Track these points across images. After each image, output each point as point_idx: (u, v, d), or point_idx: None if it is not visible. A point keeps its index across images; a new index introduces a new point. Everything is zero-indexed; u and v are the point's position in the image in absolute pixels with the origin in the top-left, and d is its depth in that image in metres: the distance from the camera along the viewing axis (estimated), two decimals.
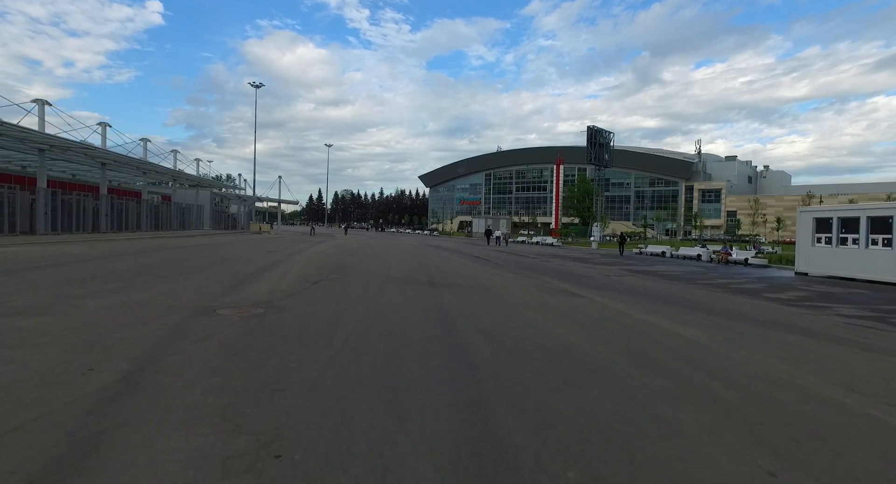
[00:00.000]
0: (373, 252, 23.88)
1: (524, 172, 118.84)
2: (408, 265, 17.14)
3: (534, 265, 20.31)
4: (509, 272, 16.23)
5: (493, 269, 17.71)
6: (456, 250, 30.21)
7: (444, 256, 24.35)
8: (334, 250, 24.46)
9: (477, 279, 13.47)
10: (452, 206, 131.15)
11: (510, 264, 20.35)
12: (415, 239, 56.20)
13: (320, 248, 26.19)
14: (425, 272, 15.04)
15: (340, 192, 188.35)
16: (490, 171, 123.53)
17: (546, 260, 24.24)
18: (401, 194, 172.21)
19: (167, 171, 38.68)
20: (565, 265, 20.96)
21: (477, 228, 78.98)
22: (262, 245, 26.72)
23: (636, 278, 15.75)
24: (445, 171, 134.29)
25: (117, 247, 21.36)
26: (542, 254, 30.95)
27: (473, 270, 16.64)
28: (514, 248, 40.81)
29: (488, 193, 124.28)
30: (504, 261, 22.32)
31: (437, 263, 19.00)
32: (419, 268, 16.35)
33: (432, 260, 20.73)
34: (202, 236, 35.19)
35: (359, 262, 18.05)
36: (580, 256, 30.10)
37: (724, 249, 27.20)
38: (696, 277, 17.33)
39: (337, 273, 13.53)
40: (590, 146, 59.04)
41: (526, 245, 52.71)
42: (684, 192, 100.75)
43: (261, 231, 56.16)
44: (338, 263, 17.21)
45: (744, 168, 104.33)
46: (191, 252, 19.99)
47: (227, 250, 21.78)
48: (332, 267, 15.39)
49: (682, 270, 20.78)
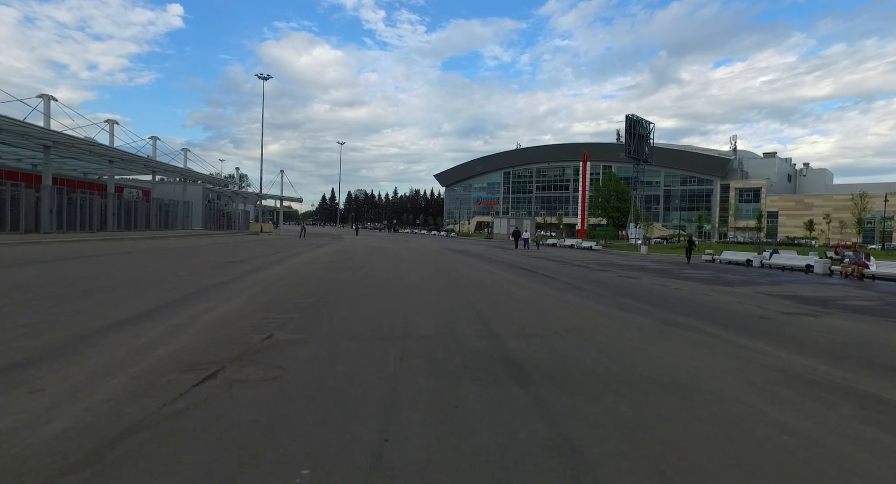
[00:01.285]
0: (382, 261, 17.08)
1: (545, 171, 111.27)
2: (437, 294, 10.07)
3: (628, 288, 13.04)
4: (625, 310, 9.05)
5: (584, 298, 10.48)
6: (489, 258, 23.17)
7: (482, 268, 17.29)
8: (330, 259, 17.65)
9: (599, 340, 6.20)
10: (469, 206, 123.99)
11: (593, 285, 13.13)
12: (432, 241, 49.18)
13: (313, 255, 19.44)
14: (475, 315, 7.94)
15: (354, 192, 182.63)
16: (509, 170, 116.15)
17: (626, 274, 17.02)
18: (415, 194, 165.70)
19: (138, 159, 32.20)
20: (670, 286, 13.70)
21: (499, 229, 71.69)
22: (238, 251, 20.02)
23: (841, 320, 8.54)
24: (462, 169, 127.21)
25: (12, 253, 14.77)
26: (600, 262, 23.72)
27: (557, 305, 9.50)
28: (547, 251, 33.65)
29: (507, 193, 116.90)
30: (575, 278, 15.14)
31: (482, 287, 11.85)
32: (459, 301, 9.27)
33: (472, 279, 13.68)
34: (178, 238, 28.63)
35: (356, 283, 11.03)
36: (655, 267, 22.79)
37: (855, 259, 19.70)
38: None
39: (304, 319, 6.54)
40: (628, 137, 51.42)
41: (558, 248, 45.43)
42: (719, 191, 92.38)
43: (261, 232, 49.83)
44: (321, 287, 10.24)
45: (783, 166, 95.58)
46: (105, 266, 13.26)
47: (171, 261, 15.09)
48: (304, 300, 8.41)
49: (843, 293, 13.43)
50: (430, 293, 10.05)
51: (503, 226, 69.66)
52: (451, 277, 13.48)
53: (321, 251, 21.45)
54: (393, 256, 19.93)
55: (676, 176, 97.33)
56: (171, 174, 35.95)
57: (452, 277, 13.50)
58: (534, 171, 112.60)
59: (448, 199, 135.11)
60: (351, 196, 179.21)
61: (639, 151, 51.85)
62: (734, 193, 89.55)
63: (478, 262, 19.94)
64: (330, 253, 20.21)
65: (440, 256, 22.93)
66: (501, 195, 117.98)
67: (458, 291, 10.44)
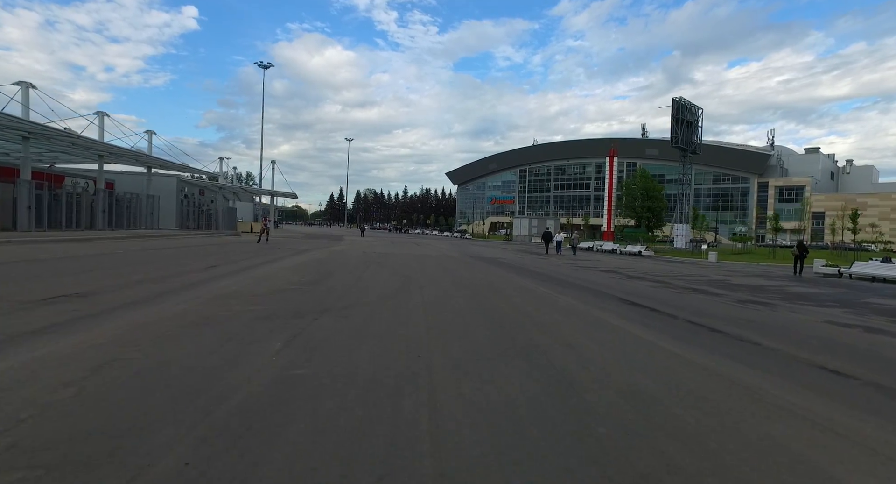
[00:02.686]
0: (383, 282, 9.85)
1: (563, 168, 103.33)
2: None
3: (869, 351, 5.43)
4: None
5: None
6: (537, 272, 15.72)
7: (556, 301, 9.70)
8: (280, 286, 10.37)
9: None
10: (483, 206, 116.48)
11: (789, 343, 5.51)
12: (446, 244, 41.76)
13: (279, 266, 12.19)
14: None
15: (363, 191, 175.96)
16: (525, 167, 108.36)
17: (768, 300, 9.42)
18: (426, 193, 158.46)
19: (79, 140, 25.04)
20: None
21: (519, 230, 63.98)
22: (165, 265, 12.87)
23: None
24: (475, 167, 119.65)
25: None
26: (682, 277, 16.11)
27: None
28: (589, 258, 26.09)
29: (523, 191, 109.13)
30: (721, 319, 7.54)
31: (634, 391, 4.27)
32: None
33: (563, 335, 6.16)
34: (124, 240, 21.54)
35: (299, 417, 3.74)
36: (779, 286, 15.15)
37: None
38: None
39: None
40: (675, 124, 43.64)
41: (594, 252, 37.80)
42: (756, 189, 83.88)
43: (251, 232, 42.80)
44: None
45: (827, 162, 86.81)
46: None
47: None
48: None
49: None
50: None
51: (524, 227, 62.10)
52: (509, 321, 6.13)
53: (284, 264, 14.16)
54: (399, 274, 12.67)
55: (708, 173, 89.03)
56: (122, 159, 28.90)
57: (512, 321, 6.15)
58: (552, 169, 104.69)
59: (460, 199, 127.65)
60: (360, 196, 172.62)
61: (686, 140, 44.06)
62: (774, 192, 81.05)
63: (531, 282, 12.54)
64: (297, 268, 12.93)
65: (466, 269, 15.57)
66: (517, 194, 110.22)
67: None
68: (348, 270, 12.47)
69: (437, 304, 8.07)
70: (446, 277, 12.32)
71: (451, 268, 15.41)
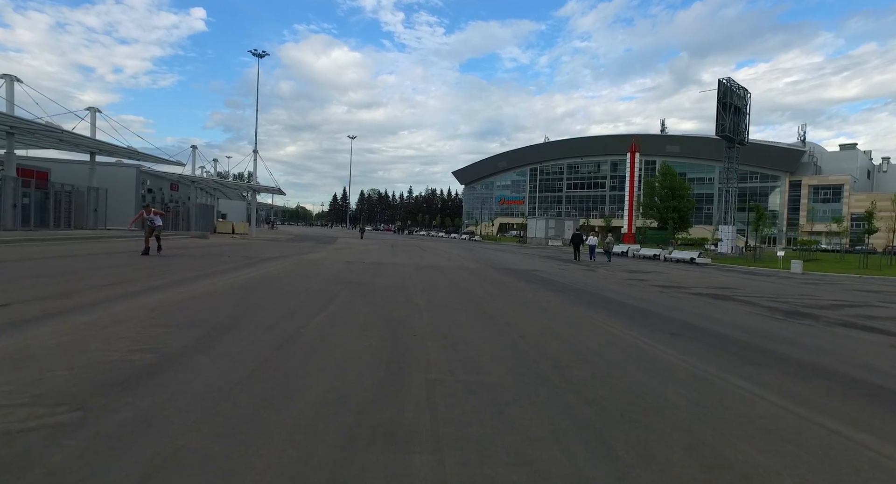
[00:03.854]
0: (333, 373, 4.00)
1: (577, 166, 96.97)
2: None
3: None
4: None
5: None
6: (591, 293, 9.53)
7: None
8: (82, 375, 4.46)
9: None
10: (491, 206, 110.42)
11: None
12: (455, 247, 35.67)
13: (138, 307, 6.25)
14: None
15: (367, 191, 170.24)
16: (536, 166, 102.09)
17: None
18: (431, 193, 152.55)
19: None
20: None
21: (534, 232, 57.59)
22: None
23: None
24: (483, 165, 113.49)
25: None
26: (824, 305, 9.97)
27: None
28: (630, 266, 19.77)
29: (533, 191, 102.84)
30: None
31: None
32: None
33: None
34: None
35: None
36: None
37: None
38: None
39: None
40: (721, 110, 37.26)
41: (632, 258, 31.56)
42: (788, 189, 77.19)
43: (232, 234, 37.13)
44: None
45: (864, 160, 80.00)
46: None
47: None
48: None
49: None
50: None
51: (539, 228, 55.86)
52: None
53: (156, 299, 8.17)
54: (382, 330, 6.65)
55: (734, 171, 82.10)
56: (38, 138, 23.16)
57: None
58: (564, 168, 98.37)
59: (467, 199, 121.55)
60: (364, 196, 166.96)
61: (734, 129, 37.68)
62: (807, 191, 74.37)
63: (621, 325, 6.41)
64: (166, 313, 6.97)
65: (505, 297, 9.46)
66: (527, 194, 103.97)
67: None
68: (280, 314, 6.35)
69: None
70: (489, 330, 6.15)
71: (481, 296, 9.27)
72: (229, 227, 38.66)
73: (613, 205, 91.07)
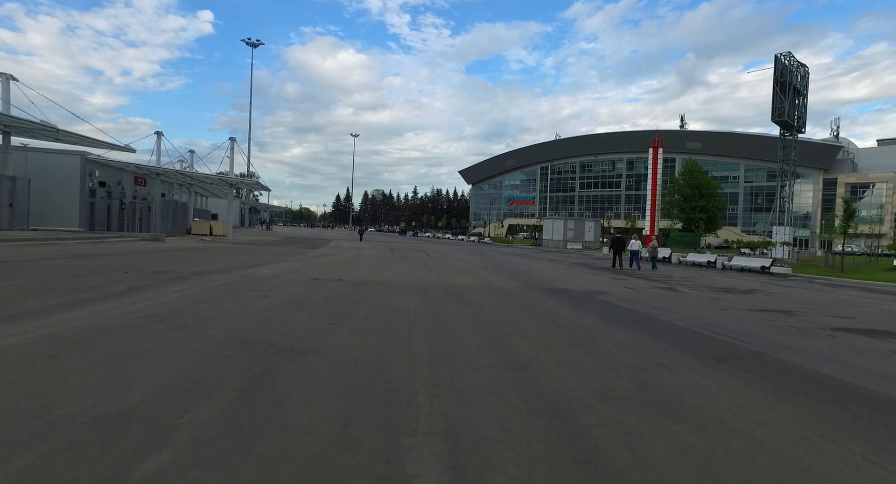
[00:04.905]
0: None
1: (590, 165, 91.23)
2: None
3: None
4: None
5: None
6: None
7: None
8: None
9: None
10: (499, 207, 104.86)
11: None
12: (467, 252, 30.22)
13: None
14: None
15: (371, 192, 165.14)
16: (546, 164, 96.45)
17: None
18: (437, 194, 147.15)
19: None
20: None
21: (550, 234, 51.83)
22: None
23: None
24: (491, 164, 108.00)
25: None
26: None
27: None
28: (697, 279, 14.13)
29: (544, 191, 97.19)
30: None
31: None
32: None
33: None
34: None
35: None
36: None
37: None
38: None
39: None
40: (778, 91, 31.62)
41: (677, 266, 25.90)
42: (822, 187, 71.17)
43: (210, 236, 32.00)
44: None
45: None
46: None
47: None
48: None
49: None
50: None
51: (557, 230, 50.21)
52: None
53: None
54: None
55: (761, 169, 76.54)
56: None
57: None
58: (576, 166, 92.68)
59: (474, 199, 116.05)
60: (368, 196, 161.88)
61: (791, 114, 31.99)
62: (844, 190, 68.24)
63: None
64: None
65: (591, 357, 3.94)
66: (537, 194, 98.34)
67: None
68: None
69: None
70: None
71: (574, 392, 3.78)
72: (206, 228, 33.42)
73: (629, 205, 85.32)
